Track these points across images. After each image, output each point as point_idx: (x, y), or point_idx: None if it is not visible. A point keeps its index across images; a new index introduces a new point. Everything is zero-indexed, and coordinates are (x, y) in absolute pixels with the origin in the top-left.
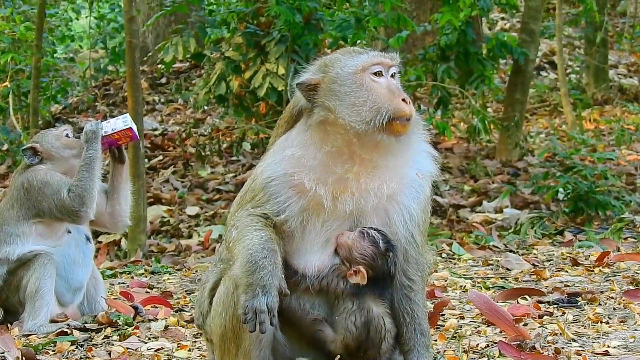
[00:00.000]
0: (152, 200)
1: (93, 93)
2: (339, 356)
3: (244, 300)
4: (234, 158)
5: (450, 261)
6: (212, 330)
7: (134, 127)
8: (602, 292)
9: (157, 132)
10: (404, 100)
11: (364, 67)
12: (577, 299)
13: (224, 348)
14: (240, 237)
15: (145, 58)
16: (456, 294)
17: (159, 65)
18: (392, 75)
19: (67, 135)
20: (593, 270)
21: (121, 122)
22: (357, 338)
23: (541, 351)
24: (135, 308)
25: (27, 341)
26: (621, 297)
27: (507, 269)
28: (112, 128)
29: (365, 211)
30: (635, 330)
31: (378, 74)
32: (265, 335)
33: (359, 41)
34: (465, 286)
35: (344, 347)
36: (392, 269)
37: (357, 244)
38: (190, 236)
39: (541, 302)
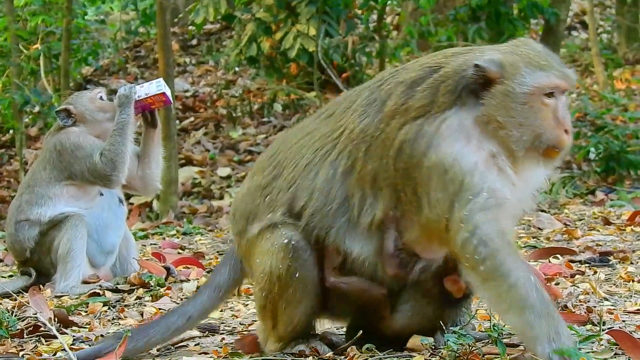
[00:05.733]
0: (183, 161)
1: (124, 55)
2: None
3: None
4: (265, 119)
5: None
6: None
7: (168, 92)
8: (633, 251)
9: (188, 94)
10: (566, 131)
11: (542, 88)
12: (609, 258)
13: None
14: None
15: (176, 20)
16: None
17: (190, 27)
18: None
19: (101, 98)
20: (625, 230)
21: (155, 86)
22: None
23: (573, 310)
24: (167, 269)
25: (60, 302)
26: None
27: (539, 229)
28: (145, 92)
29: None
30: None
31: (550, 95)
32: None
33: (389, 2)
34: None
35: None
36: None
37: None
38: (221, 197)
39: (573, 262)
